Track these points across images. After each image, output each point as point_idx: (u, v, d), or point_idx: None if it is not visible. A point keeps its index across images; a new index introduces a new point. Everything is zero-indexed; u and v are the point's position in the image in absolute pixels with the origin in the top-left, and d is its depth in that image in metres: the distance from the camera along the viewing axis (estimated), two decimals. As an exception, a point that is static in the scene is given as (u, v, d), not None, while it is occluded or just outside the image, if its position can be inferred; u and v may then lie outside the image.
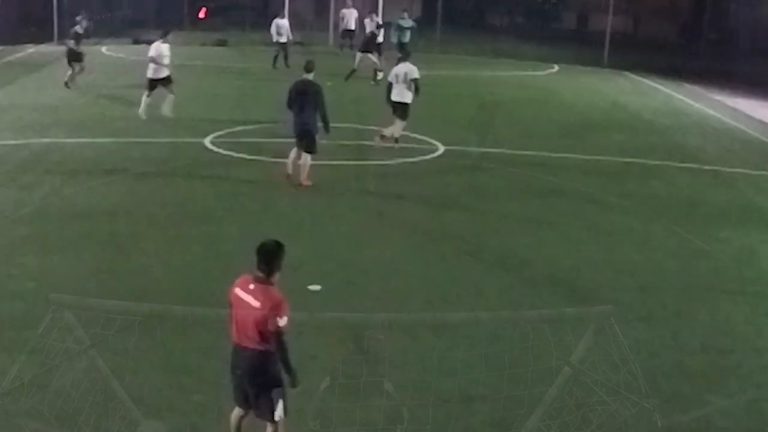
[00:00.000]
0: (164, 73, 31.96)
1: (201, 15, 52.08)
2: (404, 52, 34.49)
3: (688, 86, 49.84)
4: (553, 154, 30.26)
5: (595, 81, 48.58)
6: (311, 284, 17.39)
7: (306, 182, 24.05)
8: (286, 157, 24.35)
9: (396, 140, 29.45)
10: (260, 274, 10.84)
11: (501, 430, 13.36)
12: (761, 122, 40.64)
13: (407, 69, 29.85)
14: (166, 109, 31.63)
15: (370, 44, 45.01)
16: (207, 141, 28.56)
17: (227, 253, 19.26)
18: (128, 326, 15.13)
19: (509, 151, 30.41)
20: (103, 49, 47.30)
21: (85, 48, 34.16)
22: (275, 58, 46.34)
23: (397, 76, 29.84)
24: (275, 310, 10.52)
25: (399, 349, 15.44)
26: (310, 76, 24.34)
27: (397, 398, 13.62)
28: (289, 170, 24.13)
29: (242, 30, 57.28)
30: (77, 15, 39.89)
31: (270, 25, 46.55)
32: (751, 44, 62.05)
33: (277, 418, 10.76)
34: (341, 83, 39.86)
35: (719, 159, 32.35)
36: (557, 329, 14.21)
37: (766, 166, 30.56)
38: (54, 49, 46.91)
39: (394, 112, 29.61)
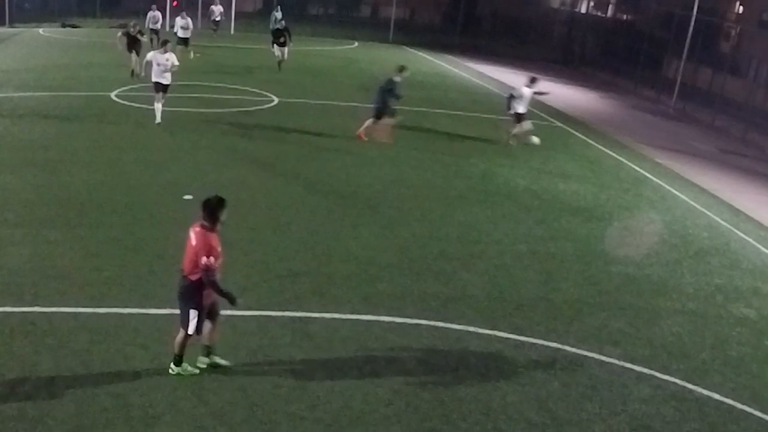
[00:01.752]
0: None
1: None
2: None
3: (448, 56, 50.26)
4: (356, 104, 30.34)
5: (383, 53, 48.47)
6: (186, 194, 17.35)
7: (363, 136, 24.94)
8: (172, 106, 24.21)
9: None
10: (205, 223, 10.32)
11: (319, 296, 13.57)
12: (498, 81, 41.43)
13: None
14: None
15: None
16: (113, 95, 27.87)
17: (127, 173, 19.38)
18: (57, 224, 15.82)
19: (324, 102, 30.42)
20: (40, 30, 45.34)
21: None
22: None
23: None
24: (204, 250, 10.13)
25: (247, 241, 15.61)
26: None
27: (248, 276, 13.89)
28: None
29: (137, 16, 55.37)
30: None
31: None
32: (492, 27, 63.12)
33: (190, 331, 10.58)
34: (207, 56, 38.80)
35: (469, 107, 33.08)
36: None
37: (499, 112, 31.22)
38: (5, 31, 44.66)
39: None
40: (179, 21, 37.71)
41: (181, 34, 37.40)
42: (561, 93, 37.90)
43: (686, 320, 14.52)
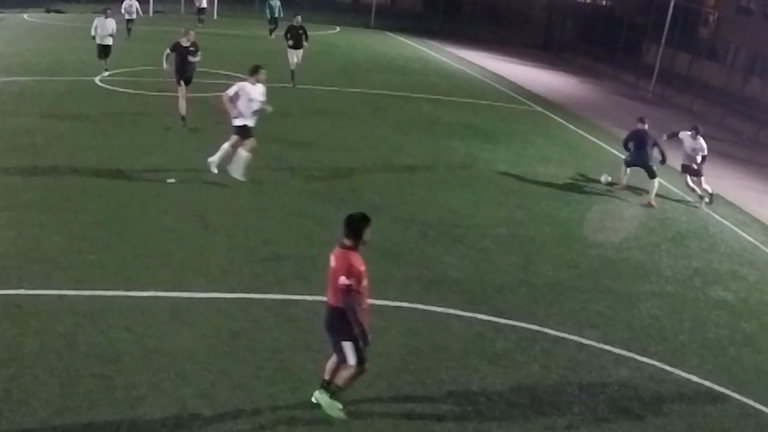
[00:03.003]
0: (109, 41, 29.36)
1: None
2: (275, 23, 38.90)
3: (429, 41, 50.28)
4: (337, 88, 30.31)
5: (364, 38, 48.46)
6: (169, 178, 17.38)
7: None
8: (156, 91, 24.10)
9: None
10: (346, 241, 9.40)
11: (302, 279, 13.56)
12: (479, 66, 41.47)
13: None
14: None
15: None
16: (97, 79, 27.69)
17: (112, 157, 19.28)
18: (42, 207, 15.73)
19: (308, 86, 30.27)
20: (25, 15, 45.00)
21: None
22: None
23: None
24: (346, 268, 9.14)
25: (231, 225, 15.61)
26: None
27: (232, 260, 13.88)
28: None
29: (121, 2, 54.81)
30: None
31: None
32: (472, 12, 62.93)
33: (351, 363, 9.49)
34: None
35: (450, 92, 33.06)
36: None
37: (480, 97, 31.26)
38: None
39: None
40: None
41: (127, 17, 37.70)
42: (541, 78, 38.08)
43: (665, 303, 14.63)
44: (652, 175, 20.57)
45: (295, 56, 30.48)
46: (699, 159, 20.75)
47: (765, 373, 12.69)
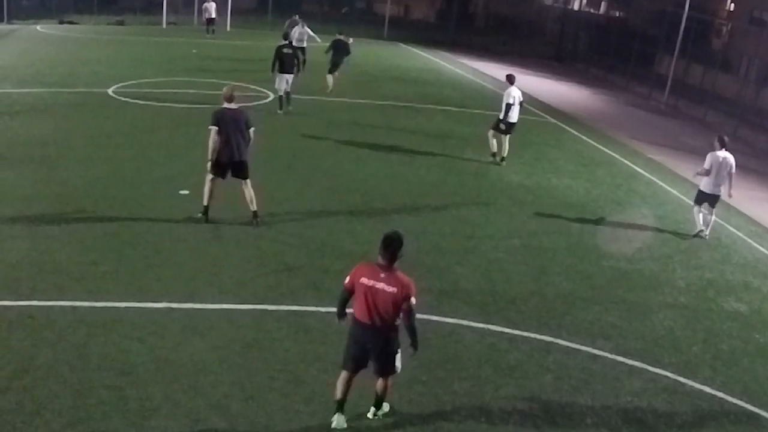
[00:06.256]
0: None
1: None
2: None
3: (442, 53, 50.33)
4: (350, 100, 30.35)
5: (378, 49, 48.48)
6: (182, 190, 17.47)
7: None
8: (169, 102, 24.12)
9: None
10: (383, 262, 9.24)
11: (314, 290, 13.55)
12: (491, 77, 41.44)
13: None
14: None
15: None
16: (110, 91, 27.82)
17: (124, 168, 19.42)
18: (54, 219, 15.75)
19: (317, 98, 30.29)
20: (38, 27, 45.26)
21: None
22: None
23: None
24: (408, 290, 9.18)
25: (243, 236, 15.58)
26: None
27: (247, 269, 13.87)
28: None
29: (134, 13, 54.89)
30: None
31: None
32: (485, 24, 63.00)
33: (398, 370, 9.82)
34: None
35: (463, 103, 33.10)
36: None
37: (493, 108, 31.20)
38: (3, 27, 44.57)
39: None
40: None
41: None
42: (553, 89, 38.04)
43: (678, 314, 14.55)
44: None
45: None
46: (726, 177, 18.69)
47: (780, 384, 12.61)
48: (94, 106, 25.80)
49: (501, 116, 22.86)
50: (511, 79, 23.18)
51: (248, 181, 16.02)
